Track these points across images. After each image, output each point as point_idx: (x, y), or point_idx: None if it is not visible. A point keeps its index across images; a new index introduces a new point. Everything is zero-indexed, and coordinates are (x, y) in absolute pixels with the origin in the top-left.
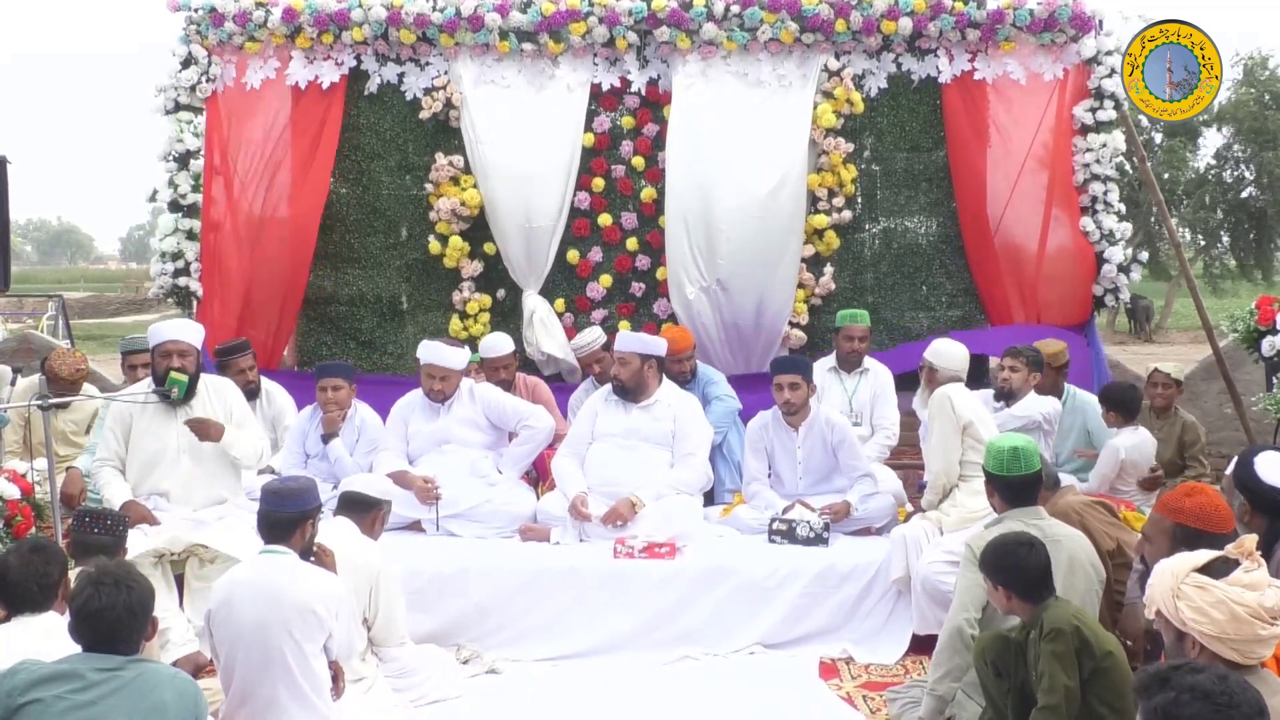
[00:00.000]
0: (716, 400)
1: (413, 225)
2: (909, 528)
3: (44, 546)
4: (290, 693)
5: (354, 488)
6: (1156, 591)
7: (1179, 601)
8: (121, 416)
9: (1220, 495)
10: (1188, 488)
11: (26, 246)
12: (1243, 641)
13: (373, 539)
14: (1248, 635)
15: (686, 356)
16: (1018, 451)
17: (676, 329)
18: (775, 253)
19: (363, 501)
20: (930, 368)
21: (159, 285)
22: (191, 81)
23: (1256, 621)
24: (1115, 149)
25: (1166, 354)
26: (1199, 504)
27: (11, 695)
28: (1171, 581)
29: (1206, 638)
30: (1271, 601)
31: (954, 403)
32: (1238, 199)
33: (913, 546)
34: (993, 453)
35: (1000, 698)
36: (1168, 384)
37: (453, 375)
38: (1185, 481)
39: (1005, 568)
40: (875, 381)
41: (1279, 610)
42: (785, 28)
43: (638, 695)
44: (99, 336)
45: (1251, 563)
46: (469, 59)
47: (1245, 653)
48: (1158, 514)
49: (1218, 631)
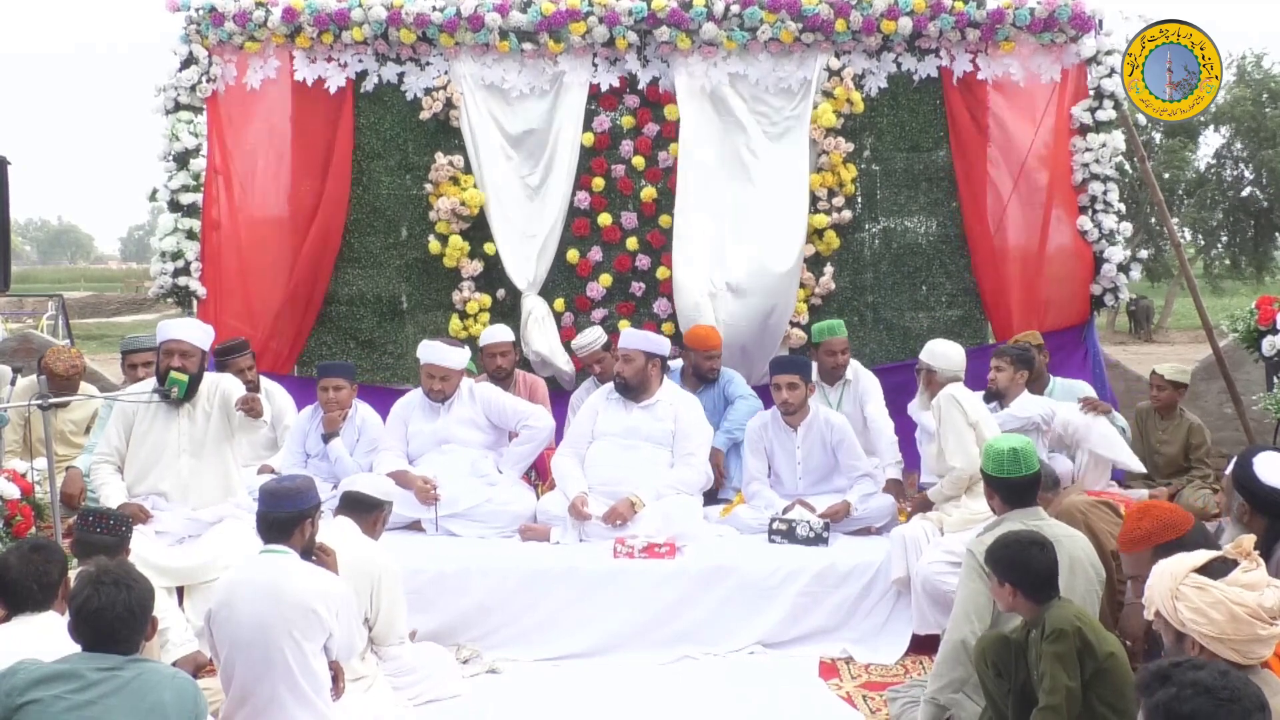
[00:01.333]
0: (740, 399)
1: (413, 225)
2: (909, 528)
3: (44, 546)
4: (291, 692)
5: (356, 488)
6: (1155, 593)
7: (1178, 602)
8: (125, 414)
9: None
10: (1134, 514)
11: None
12: (1242, 642)
13: (374, 539)
14: (1247, 635)
15: (716, 354)
16: (1017, 453)
17: (704, 327)
18: (780, 255)
19: (364, 502)
20: (928, 369)
21: (159, 285)
22: (192, 81)
23: (1256, 621)
24: (1115, 149)
25: (1167, 354)
26: (1157, 519)
27: (11, 695)
28: (1170, 583)
29: (1206, 638)
30: (1270, 601)
31: (961, 401)
32: (1238, 198)
33: (913, 547)
34: (991, 455)
35: (1001, 698)
36: (1162, 386)
37: (453, 375)
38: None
39: (1015, 565)
40: (860, 390)
41: (1278, 610)
42: (785, 27)
43: (637, 695)
44: (99, 336)
45: (1250, 562)
46: (469, 59)
47: (1245, 653)
48: (1129, 554)
49: (1217, 632)
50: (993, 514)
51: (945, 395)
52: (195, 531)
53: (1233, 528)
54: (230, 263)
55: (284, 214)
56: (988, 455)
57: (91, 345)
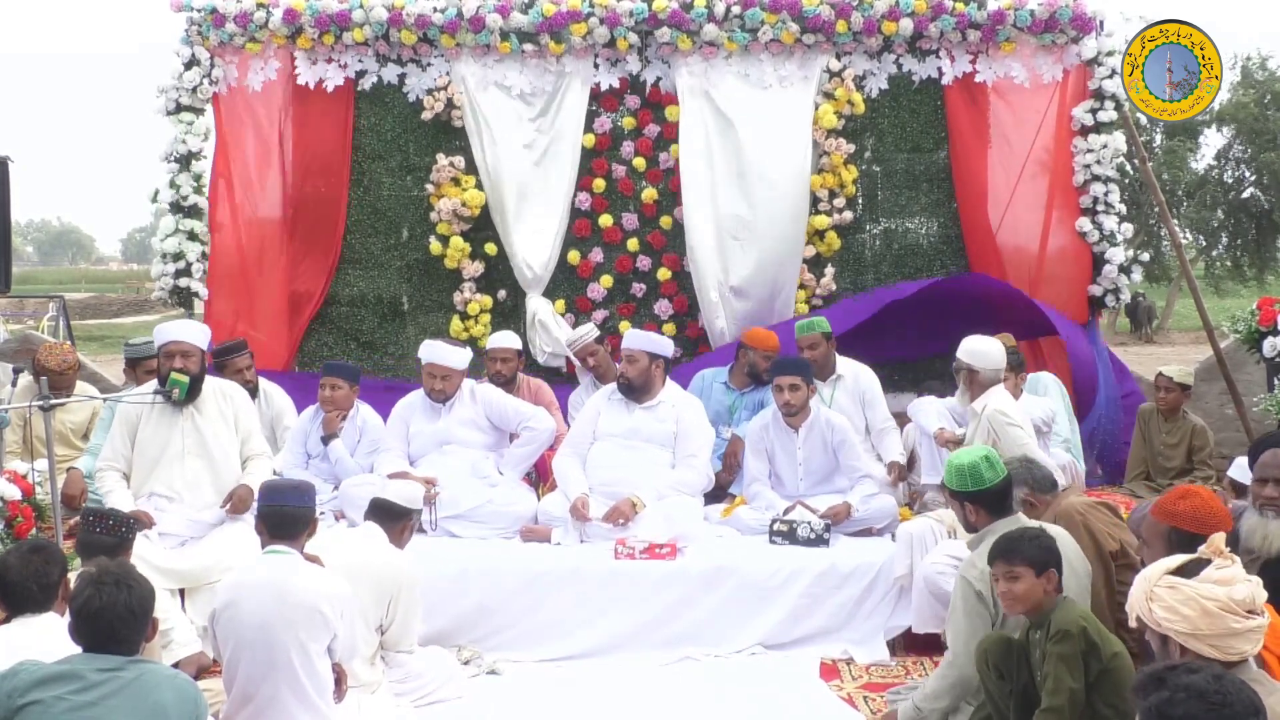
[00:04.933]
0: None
1: (414, 226)
2: (915, 525)
3: (43, 547)
4: (293, 693)
5: (385, 495)
6: (1133, 599)
7: (1152, 604)
8: (129, 417)
9: (1216, 497)
10: (1182, 490)
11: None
12: (1217, 636)
13: (399, 548)
14: (1220, 629)
15: (774, 355)
16: (991, 460)
17: (763, 329)
18: (782, 256)
19: (392, 510)
20: (970, 369)
21: (160, 286)
22: (193, 83)
23: (1228, 615)
24: (1116, 150)
25: (1168, 355)
26: (1193, 507)
27: (12, 696)
28: (1145, 586)
29: (1182, 635)
30: (1241, 594)
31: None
32: (1239, 199)
33: (918, 545)
34: (969, 469)
35: (1002, 700)
36: (1170, 388)
37: (454, 375)
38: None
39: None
40: (855, 386)
41: (1251, 603)
42: (786, 28)
43: (638, 696)
44: (100, 337)
45: (1224, 559)
46: (470, 60)
47: (1223, 648)
48: (1153, 518)
49: (1190, 628)
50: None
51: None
52: (198, 533)
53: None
54: (232, 263)
55: (284, 215)
56: (961, 472)
57: (92, 346)
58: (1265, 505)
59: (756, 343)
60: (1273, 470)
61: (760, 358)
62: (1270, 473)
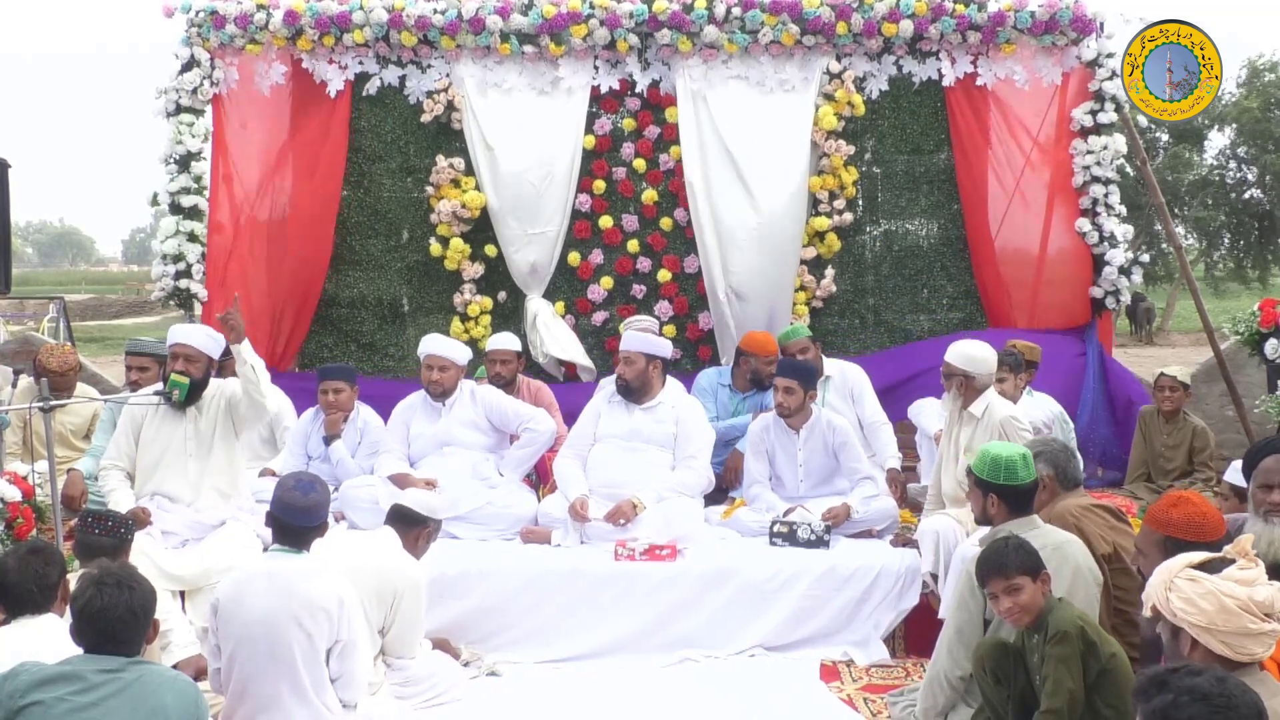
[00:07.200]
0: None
1: (414, 227)
2: (938, 521)
3: (42, 548)
4: (292, 689)
5: (403, 502)
6: (1152, 588)
7: (1170, 593)
8: (133, 417)
9: (1208, 501)
10: (1173, 498)
11: (28, 248)
12: (1231, 634)
13: (415, 556)
14: (1236, 628)
15: (774, 359)
16: (1027, 459)
17: (761, 333)
18: (781, 258)
19: (408, 517)
20: (965, 375)
21: (160, 287)
22: (193, 84)
23: (1245, 614)
24: (1116, 151)
25: (1168, 356)
26: (1185, 514)
27: (13, 697)
28: (1166, 576)
29: (1196, 628)
30: (1262, 596)
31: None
32: (1240, 200)
33: (946, 537)
34: (1003, 462)
35: (1000, 704)
36: (1174, 388)
37: (452, 367)
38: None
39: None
40: (844, 384)
41: (1270, 606)
42: (786, 30)
43: (638, 698)
44: (100, 339)
45: (1248, 561)
46: (470, 61)
47: (1235, 647)
48: (1147, 527)
49: (1206, 622)
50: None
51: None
52: (198, 534)
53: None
54: (232, 264)
55: (284, 215)
56: (996, 463)
57: (93, 348)
58: (1270, 511)
59: (755, 348)
60: (1277, 476)
61: (761, 363)
62: (1274, 479)
